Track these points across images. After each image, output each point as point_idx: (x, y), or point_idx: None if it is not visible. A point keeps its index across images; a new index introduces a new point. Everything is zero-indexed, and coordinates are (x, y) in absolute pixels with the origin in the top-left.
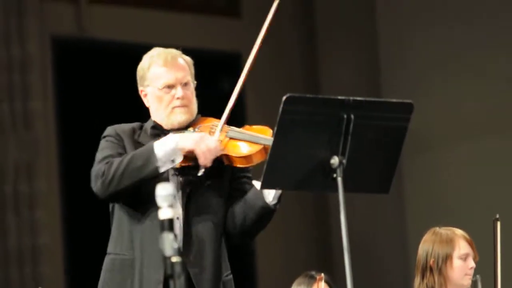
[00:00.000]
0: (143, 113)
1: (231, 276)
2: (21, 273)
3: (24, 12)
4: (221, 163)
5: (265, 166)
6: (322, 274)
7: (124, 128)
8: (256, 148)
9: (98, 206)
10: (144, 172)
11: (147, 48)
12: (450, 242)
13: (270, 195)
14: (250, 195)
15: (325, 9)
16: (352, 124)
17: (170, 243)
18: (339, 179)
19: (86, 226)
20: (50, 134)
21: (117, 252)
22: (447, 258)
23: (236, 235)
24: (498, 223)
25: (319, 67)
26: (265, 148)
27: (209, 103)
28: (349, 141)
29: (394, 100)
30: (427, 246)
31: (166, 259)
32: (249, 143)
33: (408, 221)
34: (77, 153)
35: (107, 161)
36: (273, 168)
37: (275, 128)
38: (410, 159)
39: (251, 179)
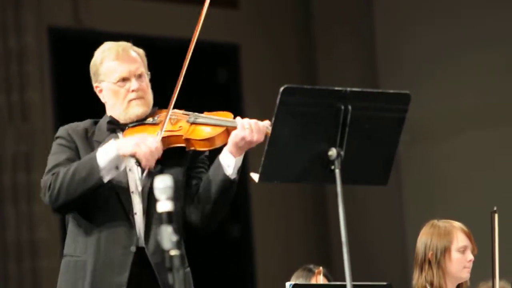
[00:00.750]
0: None
1: (188, 268)
2: (20, 266)
3: (21, 3)
4: (182, 151)
5: (263, 158)
6: (321, 268)
7: (76, 128)
8: (218, 130)
9: None
10: (88, 183)
11: (144, 40)
12: (448, 234)
13: (230, 168)
14: (209, 172)
15: (322, 3)
16: (349, 115)
17: (168, 236)
18: (337, 171)
19: None
20: (48, 125)
21: (71, 254)
22: (445, 251)
23: (201, 221)
24: (496, 215)
25: (316, 61)
26: (227, 130)
27: (207, 93)
28: (346, 133)
29: (392, 91)
30: (425, 239)
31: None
32: (211, 126)
33: (407, 212)
34: None
35: (54, 171)
36: (271, 160)
37: (273, 120)
38: (408, 151)
39: (208, 167)
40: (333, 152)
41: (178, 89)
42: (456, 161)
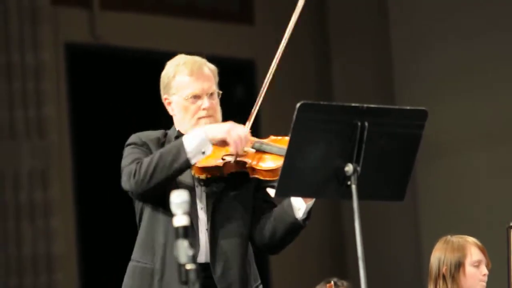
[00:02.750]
0: (156, 119)
1: (261, 286)
2: (36, 281)
3: (38, 19)
4: (247, 174)
5: (280, 173)
6: (332, 282)
7: (150, 136)
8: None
9: (112, 214)
10: (175, 166)
11: (160, 55)
12: (462, 249)
13: (301, 211)
14: (279, 209)
15: (338, 15)
16: (366, 132)
17: (184, 250)
18: (353, 187)
19: (100, 234)
20: (64, 141)
21: (139, 260)
22: (460, 265)
23: (262, 248)
24: None
25: (333, 76)
26: None
27: (223, 110)
28: (363, 149)
29: (408, 108)
30: (439, 254)
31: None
32: (276, 156)
33: (422, 228)
34: (91, 160)
35: (137, 161)
36: (288, 175)
37: (289, 136)
38: (425, 167)
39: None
40: (349, 168)
41: (259, 103)
42: (472, 177)
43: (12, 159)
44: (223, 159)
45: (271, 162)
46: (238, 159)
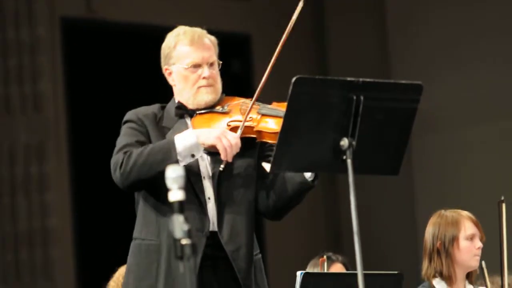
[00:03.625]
0: (152, 93)
1: (260, 255)
2: (31, 255)
3: None
4: (251, 141)
5: (275, 148)
6: (325, 257)
7: (146, 112)
8: None
9: (108, 188)
10: (163, 165)
11: (156, 29)
12: (456, 223)
13: (308, 173)
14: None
15: None
16: (361, 106)
17: (180, 225)
18: (349, 161)
19: (95, 208)
20: (60, 116)
21: (143, 238)
22: (454, 239)
23: (267, 212)
24: (504, 205)
25: (328, 50)
26: None
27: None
28: (358, 123)
29: (404, 82)
30: (433, 229)
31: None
32: (282, 118)
33: (417, 202)
34: (87, 134)
35: (126, 150)
36: (283, 150)
37: (285, 110)
38: (419, 141)
39: None
40: (345, 142)
41: (263, 84)
42: (467, 152)
43: (7, 134)
44: (228, 125)
45: (277, 125)
46: (245, 124)
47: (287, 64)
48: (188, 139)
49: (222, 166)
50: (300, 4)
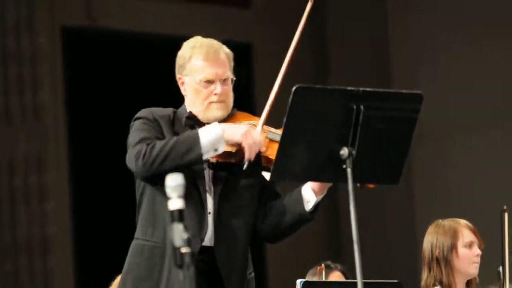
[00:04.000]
0: (153, 102)
1: (253, 274)
2: (31, 263)
3: (34, 2)
4: (257, 163)
5: (275, 157)
6: (323, 265)
7: (161, 113)
8: None
9: (107, 197)
10: (187, 158)
11: (156, 38)
12: (453, 232)
13: (310, 203)
14: (288, 200)
15: (336, 1)
16: (361, 115)
17: (180, 234)
18: (349, 170)
19: (95, 217)
20: (60, 125)
21: (147, 239)
22: (452, 247)
23: (264, 236)
24: (506, 214)
25: (329, 60)
26: None
27: None
28: (358, 132)
29: (404, 91)
30: (431, 238)
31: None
32: None
33: (417, 211)
34: (86, 144)
35: (148, 142)
36: (283, 159)
37: (284, 119)
38: (420, 150)
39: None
40: (345, 151)
41: (274, 95)
42: (467, 160)
43: (8, 143)
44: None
45: None
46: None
47: (288, 73)
48: (213, 133)
49: (246, 164)
50: (309, 4)
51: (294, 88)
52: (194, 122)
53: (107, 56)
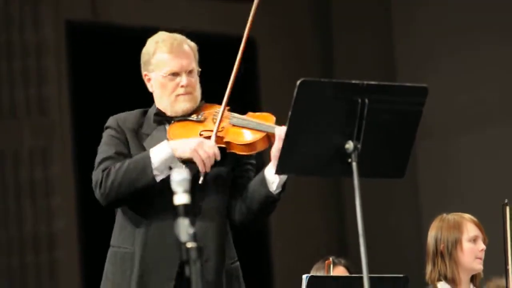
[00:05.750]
0: None
1: (237, 263)
2: (37, 258)
3: None
4: (224, 150)
5: (280, 152)
6: (330, 259)
7: (127, 119)
8: (259, 135)
9: None
10: (140, 182)
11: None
12: (458, 226)
13: (274, 184)
14: (253, 183)
15: None
16: (366, 109)
17: (185, 229)
18: (354, 164)
19: (101, 212)
20: (65, 119)
21: (119, 245)
22: (457, 242)
23: (238, 224)
24: (508, 208)
25: (334, 53)
26: (268, 135)
27: (217, 88)
28: (363, 126)
29: (409, 84)
30: (435, 232)
31: (181, 245)
32: (252, 130)
33: (423, 205)
34: (92, 138)
35: (104, 166)
36: (288, 153)
37: (290, 113)
38: (425, 144)
39: (254, 166)
40: (350, 145)
41: (230, 89)
42: (472, 155)
43: (13, 137)
44: (200, 134)
45: (247, 137)
46: (217, 135)
47: (292, 67)
48: (163, 152)
49: (201, 179)
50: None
51: (298, 82)
52: (163, 118)
53: (112, 51)
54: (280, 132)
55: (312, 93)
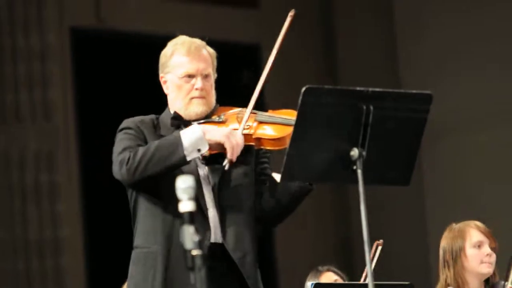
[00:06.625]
0: (161, 103)
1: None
2: (42, 264)
3: (43, 2)
4: (248, 148)
5: (285, 159)
6: (324, 268)
7: (144, 120)
8: (288, 130)
9: (118, 197)
10: (171, 160)
11: (165, 39)
12: (461, 234)
13: None
14: None
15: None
16: (371, 116)
17: (190, 236)
18: (359, 171)
19: (106, 216)
20: (70, 124)
21: (142, 246)
22: (461, 249)
23: (265, 218)
24: None
25: (338, 59)
26: None
27: (228, 94)
28: (368, 133)
29: (413, 91)
30: (443, 244)
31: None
32: (280, 125)
33: (428, 211)
34: (96, 142)
35: (130, 150)
36: (293, 160)
37: (295, 120)
38: (430, 149)
39: (269, 163)
40: (355, 152)
41: (259, 90)
42: (478, 159)
43: (18, 142)
44: None
45: (275, 132)
46: (243, 132)
47: (297, 73)
48: (194, 133)
49: (227, 165)
50: (291, 14)
51: (303, 89)
52: (180, 122)
53: (116, 56)
54: None
55: (317, 100)
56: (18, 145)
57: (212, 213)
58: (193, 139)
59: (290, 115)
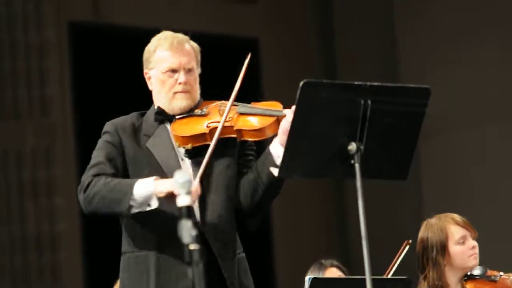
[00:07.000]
0: None
1: (243, 254)
2: (40, 259)
3: None
4: (231, 141)
5: (283, 153)
6: (328, 262)
7: (124, 124)
8: (269, 120)
9: None
10: (117, 207)
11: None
12: (441, 231)
13: (280, 158)
14: (259, 162)
15: None
16: (369, 110)
17: (188, 231)
18: (357, 166)
19: None
20: (67, 119)
21: (131, 250)
22: (444, 248)
23: (247, 209)
24: None
25: (336, 54)
26: (277, 120)
27: (226, 88)
28: (366, 127)
29: (412, 86)
30: (421, 241)
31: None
32: (260, 116)
33: (425, 205)
34: (94, 138)
35: (94, 172)
36: (291, 155)
37: (293, 114)
38: (428, 144)
39: (255, 155)
40: (353, 146)
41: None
42: (475, 154)
43: (15, 138)
44: (207, 126)
45: (256, 123)
46: (224, 124)
47: (295, 68)
48: (147, 186)
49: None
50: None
51: (301, 83)
52: (164, 117)
53: (114, 52)
54: (292, 109)
55: (315, 94)
56: (16, 141)
57: (195, 206)
58: (143, 193)
59: (272, 106)
